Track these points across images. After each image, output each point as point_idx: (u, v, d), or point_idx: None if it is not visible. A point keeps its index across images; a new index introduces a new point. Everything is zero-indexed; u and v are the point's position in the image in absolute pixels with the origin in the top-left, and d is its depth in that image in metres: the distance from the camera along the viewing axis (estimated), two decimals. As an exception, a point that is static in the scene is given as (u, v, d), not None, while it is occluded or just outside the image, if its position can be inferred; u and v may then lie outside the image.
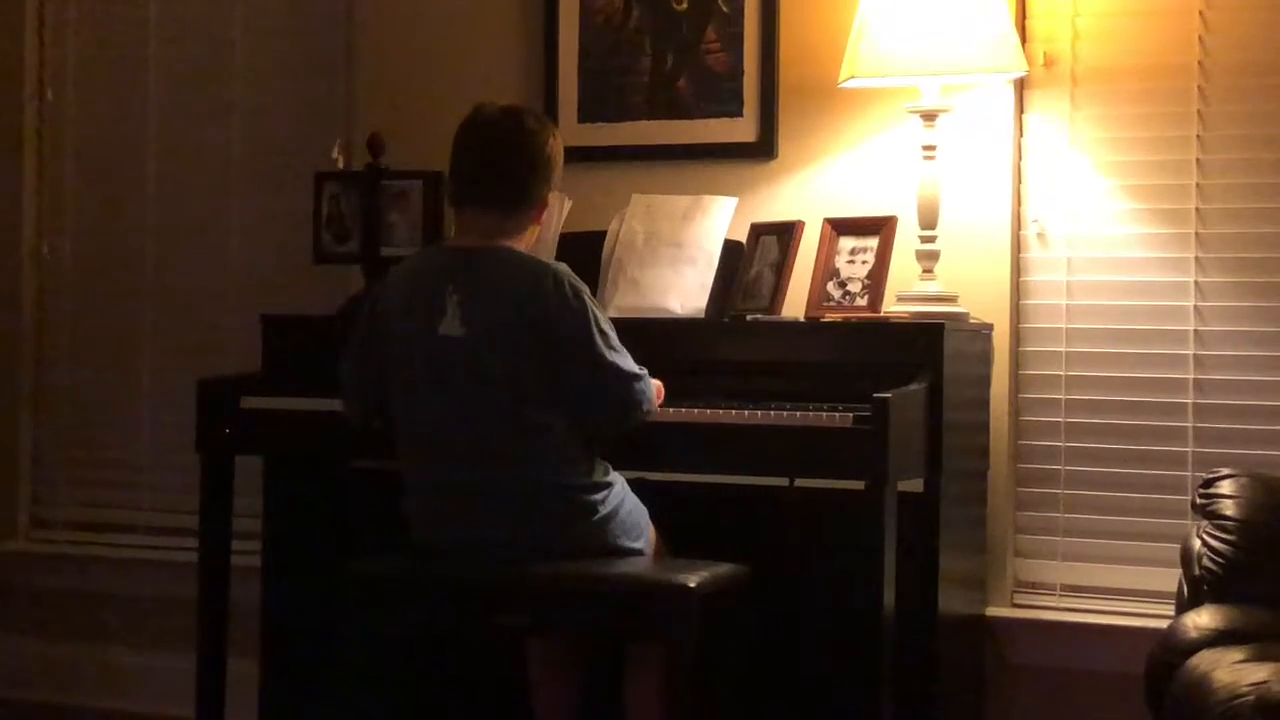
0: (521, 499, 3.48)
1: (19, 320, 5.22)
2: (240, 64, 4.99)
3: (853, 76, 3.97)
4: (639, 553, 3.58)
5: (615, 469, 3.60)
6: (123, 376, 5.11)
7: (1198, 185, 4.04)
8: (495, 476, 3.47)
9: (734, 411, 3.64)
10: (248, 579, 4.33)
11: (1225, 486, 3.59)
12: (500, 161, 3.56)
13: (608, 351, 3.49)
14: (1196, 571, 3.52)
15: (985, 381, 4.03)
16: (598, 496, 3.52)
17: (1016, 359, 4.16)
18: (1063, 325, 4.14)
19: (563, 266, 3.52)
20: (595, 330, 3.47)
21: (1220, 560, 3.49)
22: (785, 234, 3.97)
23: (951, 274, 3.99)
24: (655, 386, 3.61)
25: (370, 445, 3.81)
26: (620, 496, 3.58)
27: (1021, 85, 4.14)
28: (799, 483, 3.92)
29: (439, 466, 3.53)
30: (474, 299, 3.48)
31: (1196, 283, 4.04)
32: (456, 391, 3.48)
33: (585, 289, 3.51)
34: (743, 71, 4.31)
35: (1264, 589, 3.39)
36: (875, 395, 3.49)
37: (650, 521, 3.66)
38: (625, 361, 3.52)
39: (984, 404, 4.03)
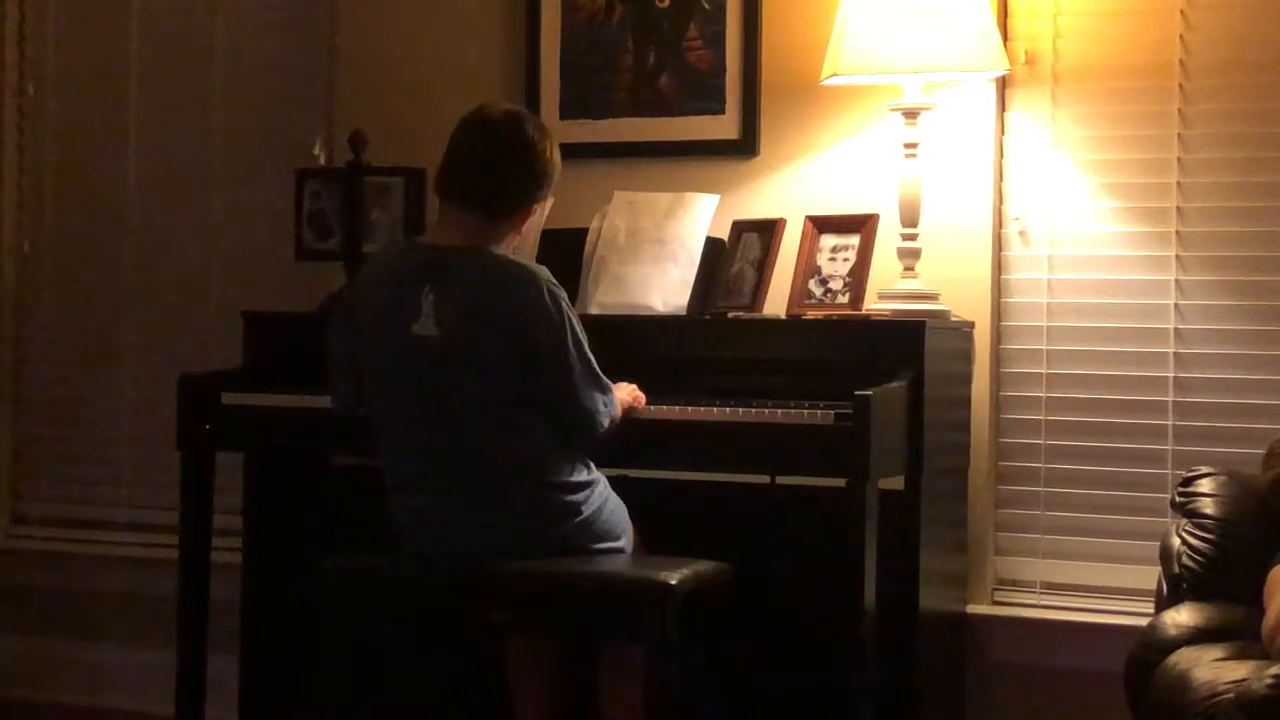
0: (501, 500, 3.46)
1: (-1, 316, 5.22)
2: (221, 59, 4.98)
3: (835, 74, 3.97)
4: (620, 551, 3.58)
5: (597, 467, 3.58)
6: (103, 372, 5.10)
7: (1178, 184, 4.05)
8: (473, 477, 3.45)
9: (715, 409, 3.64)
10: (228, 575, 4.32)
11: (1204, 485, 3.60)
12: (498, 168, 3.51)
13: (579, 362, 3.46)
14: (1176, 569, 3.53)
15: (966, 379, 4.04)
16: (579, 496, 3.51)
17: (997, 357, 4.16)
18: (1044, 323, 4.14)
19: (543, 271, 3.49)
20: (570, 339, 3.45)
21: (1199, 558, 3.50)
22: (767, 231, 3.97)
23: (933, 272, 3.99)
24: (631, 394, 3.62)
25: (353, 441, 3.79)
26: (603, 496, 3.57)
27: (1003, 84, 4.14)
28: (780, 480, 3.93)
29: (416, 467, 3.51)
30: (450, 300, 3.45)
31: (1177, 281, 4.05)
32: (430, 391, 3.46)
33: (564, 295, 3.48)
34: (725, 69, 4.30)
35: (1242, 587, 3.39)
36: (856, 393, 3.49)
37: (630, 521, 3.65)
38: (593, 370, 3.49)
39: (965, 402, 4.04)
